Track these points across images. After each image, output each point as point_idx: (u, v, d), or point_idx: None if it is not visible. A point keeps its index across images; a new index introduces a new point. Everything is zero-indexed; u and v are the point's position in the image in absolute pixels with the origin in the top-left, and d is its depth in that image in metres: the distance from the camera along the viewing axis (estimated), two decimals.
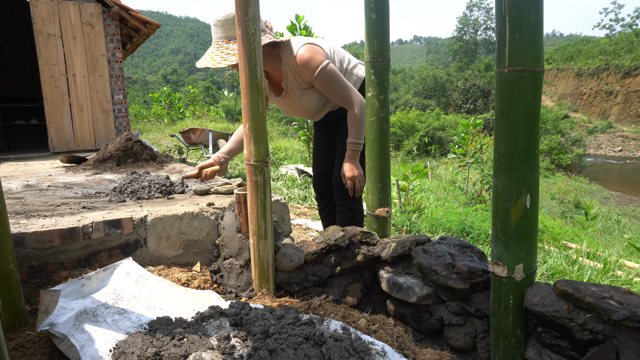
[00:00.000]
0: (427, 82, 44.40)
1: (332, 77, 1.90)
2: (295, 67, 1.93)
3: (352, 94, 1.94)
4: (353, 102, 1.93)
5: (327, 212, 2.37)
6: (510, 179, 1.19)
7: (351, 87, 1.95)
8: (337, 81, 1.92)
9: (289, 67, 1.95)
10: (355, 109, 1.93)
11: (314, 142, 2.42)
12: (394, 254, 1.65)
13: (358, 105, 1.93)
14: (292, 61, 1.93)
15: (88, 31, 5.66)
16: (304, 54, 1.89)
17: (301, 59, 1.89)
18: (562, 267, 2.97)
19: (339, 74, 1.93)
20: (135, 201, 2.16)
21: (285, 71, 1.97)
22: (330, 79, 1.90)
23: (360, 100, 1.94)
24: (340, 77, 1.93)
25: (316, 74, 1.89)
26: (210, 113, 17.91)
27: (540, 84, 1.16)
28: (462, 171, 7.69)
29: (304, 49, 1.90)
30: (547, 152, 24.00)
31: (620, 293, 1.11)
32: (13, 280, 1.30)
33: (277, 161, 7.96)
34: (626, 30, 47.02)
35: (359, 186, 2.00)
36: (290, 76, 1.97)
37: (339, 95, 1.93)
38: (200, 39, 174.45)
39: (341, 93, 1.93)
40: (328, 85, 1.92)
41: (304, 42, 1.93)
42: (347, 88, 1.93)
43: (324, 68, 1.88)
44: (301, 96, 2.02)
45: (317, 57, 1.89)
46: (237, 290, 1.73)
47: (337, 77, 1.91)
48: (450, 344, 1.50)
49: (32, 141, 8.10)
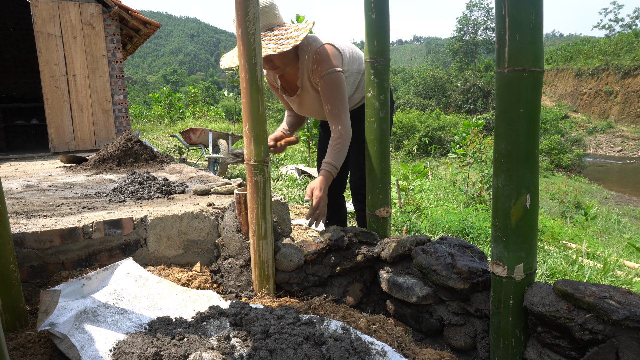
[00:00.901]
0: (427, 82, 44.42)
1: (334, 86, 1.81)
2: (310, 66, 1.86)
3: (344, 116, 1.83)
4: (341, 122, 1.82)
5: (330, 213, 2.34)
6: (510, 179, 1.19)
7: (347, 109, 1.85)
8: (337, 92, 1.82)
9: (305, 65, 1.88)
10: (341, 131, 1.82)
11: (318, 142, 2.41)
12: (394, 254, 1.65)
13: (344, 129, 1.82)
14: (308, 60, 1.86)
15: (88, 31, 5.66)
16: (321, 53, 1.82)
17: (317, 57, 1.82)
18: (562, 267, 2.97)
19: (343, 88, 1.83)
20: (135, 201, 2.16)
21: (301, 68, 1.90)
22: (332, 86, 1.81)
23: (348, 126, 1.84)
24: (342, 91, 1.83)
25: (322, 75, 1.82)
26: (210, 113, 17.92)
27: (540, 84, 1.16)
28: (462, 171, 7.70)
29: (323, 48, 1.82)
30: (547, 152, 24.00)
31: (620, 293, 1.11)
32: (13, 280, 1.30)
33: (277, 161, 7.96)
34: (626, 31, 47.04)
35: (320, 211, 1.77)
36: (305, 74, 1.91)
37: (332, 107, 1.83)
38: (200, 39, 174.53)
39: (334, 106, 1.83)
40: (326, 91, 1.83)
41: (324, 42, 1.85)
42: (343, 106, 1.83)
43: (332, 72, 1.80)
44: (316, 96, 1.97)
45: (331, 60, 1.81)
46: (237, 290, 1.73)
47: (339, 88, 1.82)
48: (450, 344, 1.50)
49: (33, 141, 8.11)
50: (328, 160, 1.83)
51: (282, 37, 1.75)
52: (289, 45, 1.68)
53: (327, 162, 1.83)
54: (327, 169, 1.82)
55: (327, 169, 1.82)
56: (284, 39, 1.74)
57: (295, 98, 2.04)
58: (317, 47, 1.83)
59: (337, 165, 1.82)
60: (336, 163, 1.82)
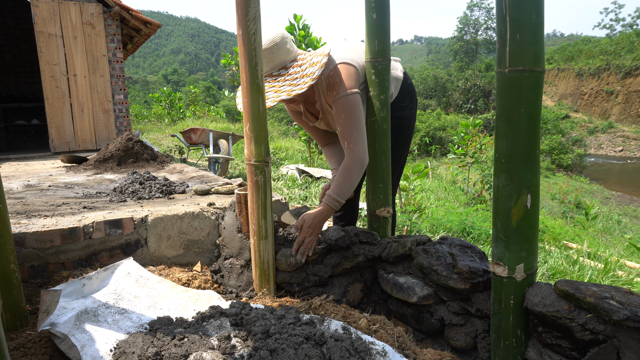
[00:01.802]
0: (427, 82, 44.42)
1: (349, 109, 1.66)
2: (325, 89, 1.74)
3: (355, 144, 1.67)
4: (351, 151, 1.67)
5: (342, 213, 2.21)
6: (511, 179, 1.19)
7: (363, 134, 1.70)
8: (353, 116, 1.67)
9: (320, 89, 1.77)
10: (349, 161, 1.67)
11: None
12: (394, 254, 1.65)
13: (354, 159, 1.67)
14: (322, 83, 1.73)
15: (89, 31, 5.67)
16: (335, 75, 1.68)
17: (329, 83, 1.69)
18: (562, 267, 2.96)
19: (359, 110, 1.69)
20: (136, 201, 2.16)
21: (317, 92, 1.79)
22: (346, 109, 1.66)
23: (361, 155, 1.68)
24: (358, 114, 1.68)
25: (337, 98, 1.67)
26: (210, 113, 17.92)
27: (540, 84, 1.16)
28: (463, 171, 7.69)
29: (334, 71, 1.69)
30: (548, 152, 23.99)
31: (621, 293, 1.11)
32: (14, 280, 1.31)
33: (277, 161, 7.97)
34: (627, 30, 46.98)
35: (307, 245, 1.65)
36: (322, 98, 1.79)
37: (346, 131, 1.68)
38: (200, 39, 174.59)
39: (349, 131, 1.67)
40: (341, 114, 1.68)
41: (337, 62, 1.71)
42: (359, 131, 1.68)
43: (347, 95, 1.66)
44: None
45: (347, 81, 1.68)
46: (238, 290, 1.73)
47: (352, 112, 1.67)
48: (450, 344, 1.50)
49: (33, 141, 8.11)
50: (330, 193, 1.69)
51: (296, 77, 1.64)
52: (304, 86, 1.58)
53: (329, 195, 1.69)
54: (328, 203, 1.68)
55: (328, 203, 1.68)
56: (298, 77, 1.63)
57: (320, 122, 1.93)
58: (330, 70, 1.70)
59: (340, 200, 1.68)
60: (339, 197, 1.67)
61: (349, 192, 1.69)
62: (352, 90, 1.67)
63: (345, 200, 1.69)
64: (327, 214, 1.68)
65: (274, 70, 1.68)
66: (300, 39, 7.26)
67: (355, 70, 1.72)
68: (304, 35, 7.20)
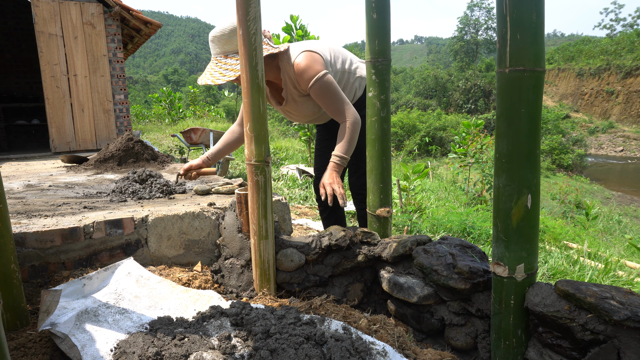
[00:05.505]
0: (428, 82, 44.40)
1: (327, 89, 1.83)
2: (293, 76, 1.88)
3: (347, 108, 1.85)
4: (347, 116, 1.84)
5: (328, 213, 2.36)
6: (511, 179, 1.19)
7: (347, 101, 1.87)
8: (332, 93, 1.84)
9: (287, 76, 1.91)
10: (349, 123, 1.84)
11: (315, 143, 2.41)
12: (394, 254, 1.65)
13: (352, 120, 1.84)
14: (290, 70, 1.88)
15: (89, 31, 5.67)
16: (300, 63, 1.83)
17: (298, 68, 1.84)
18: (563, 267, 2.96)
19: (335, 86, 1.86)
20: (136, 201, 2.16)
21: (284, 80, 1.92)
22: (325, 90, 1.83)
23: (355, 115, 1.85)
24: (336, 89, 1.85)
25: (311, 84, 1.83)
26: (211, 113, 17.92)
27: (541, 84, 1.16)
28: (463, 171, 7.69)
29: (301, 57, 1.84)
30: (548, 152, 23.99)
31: (621, 293, 1.11)
32: (14, 280, 1.31)
33: (278, 161, 7.97)
34: (627, 30, 46.91)
35: (340, 192, 1.79)
36: (289, 84, 1.93)
37: (333, 107, 1.86)
38: (201, 39, 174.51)
39: (336, 106, 1.85)
40: (322, 96, 1.85)
41: (302, 49, 1.87)
42: (342, 101, 1.85)
43: (320, 78, 1.82)
44: (303, 103, 1.99)
45: (314, 66, 1.83)
46: (238, 290, 1.73)
47: (332, 88, 1.84)
48: (451, 344, 1.50)
49: (34, 141, 8.11)
50: (336, 152, 1.84)
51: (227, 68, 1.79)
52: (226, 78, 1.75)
53: (335, 154, 1.84)
54: (335, 161, 1.84)
55: (335, 161, 1.84)
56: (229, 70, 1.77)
57: (284, 107, 2.06)
58: (295, 57, 1.85)
59: (346, 156, 1.84)
60: (344, 154, 1.84)
61: (352, 148, 1.86)
62: (322, 73, 1.82)
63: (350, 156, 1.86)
64: (338, 171, 1.85)
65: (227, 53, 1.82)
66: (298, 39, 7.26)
67: (320, 55, 1.87)
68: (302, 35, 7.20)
